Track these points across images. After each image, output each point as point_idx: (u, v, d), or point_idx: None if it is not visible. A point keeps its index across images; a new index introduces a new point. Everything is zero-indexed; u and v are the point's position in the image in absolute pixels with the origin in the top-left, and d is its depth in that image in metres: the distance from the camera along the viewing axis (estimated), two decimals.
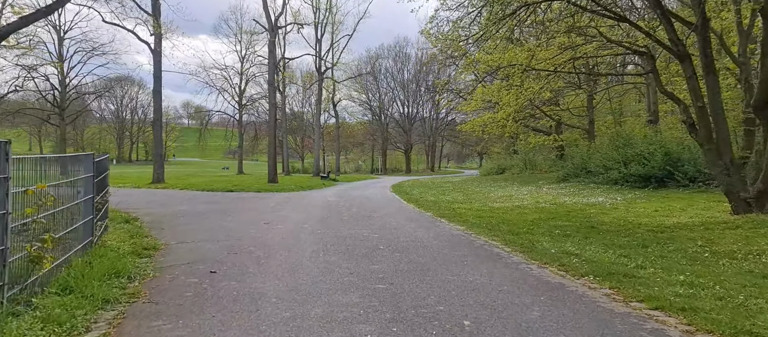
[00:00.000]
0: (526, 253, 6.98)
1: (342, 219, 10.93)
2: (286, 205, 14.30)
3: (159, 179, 24.61)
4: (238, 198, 16.58)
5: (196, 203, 14.45)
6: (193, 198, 16.40)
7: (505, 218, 11.29)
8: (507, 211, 12.76)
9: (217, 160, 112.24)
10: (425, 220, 11.06)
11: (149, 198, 16.35)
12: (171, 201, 15.28)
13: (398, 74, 74.50)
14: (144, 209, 12.75)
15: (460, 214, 11.96)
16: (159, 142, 25.08)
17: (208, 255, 6.76)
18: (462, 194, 20.46)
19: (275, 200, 15.86)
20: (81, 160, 5.76)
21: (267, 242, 7.93)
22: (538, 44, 12.26)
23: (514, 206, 14.16)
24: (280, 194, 18.89)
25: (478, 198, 17.68)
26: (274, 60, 27.95)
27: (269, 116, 28.14)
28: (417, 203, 15.25)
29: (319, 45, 43.75)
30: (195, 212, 12.03)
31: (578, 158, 24.69)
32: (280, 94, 49.44)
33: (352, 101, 71.00)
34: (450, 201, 16.31)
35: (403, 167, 77.27)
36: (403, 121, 75.78)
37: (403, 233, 8.90)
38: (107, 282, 4.87)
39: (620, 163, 18.86)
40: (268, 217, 11.24)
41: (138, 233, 8.25)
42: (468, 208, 13.65)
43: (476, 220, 10.82)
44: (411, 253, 6.99)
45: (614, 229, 9.34)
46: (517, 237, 8.41)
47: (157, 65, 24.72)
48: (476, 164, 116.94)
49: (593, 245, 7.68)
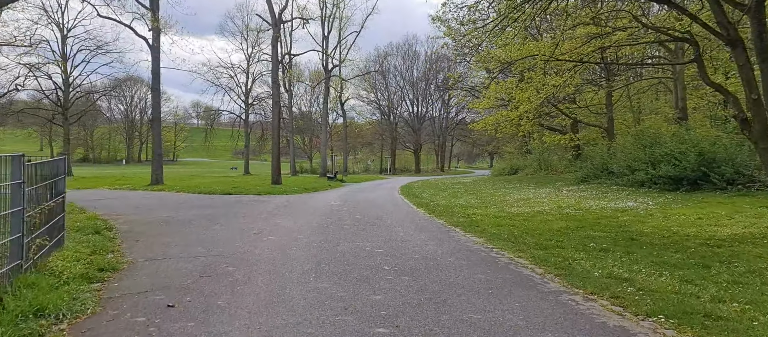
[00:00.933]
0: (564, 277, 5.68)
1: (343, 228, 9.69)
2: (284, 210, 13.09)
3: (158, 180, 23.56)
4: (236, 202, 15.42)
5: (187, 209, 13.29)
6: (186, 202, 15.26)
7: (527, 226, 9.98)
8: (528, 218, 11.44)
9: (226, 160, 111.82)
10: (437, 229, 9.78)
11: (139, 202, 15.24)
12: (161, 206, 14.14)
13: (407, 73, 73.20)
14: (127, 216, 11.61)
15: (476, 222, 10.67)
16: (158, 141, 24.02)
17: (176, 278, 5.56)
18: (475, 196, 19.14)
19: (274, 204, 14.66)
20: (6, 162, 4.57)
21: (251, 258, 6.71)
22: (564, 30, 10.92)
23: (535, 211, 12.84)
24: (281, 197, 17.70)
25: (493, 202, 16.36)
26: (277, 57, 26.79)
27: (272, 115, 27.00)
28: (427, 208, 13.97)
29: (326, 42, 42.61)
30: (182, 220, 10.86)
31: (598, 158, 23.27)
32: (287, 92, 48.37)
33: (361, 100, 69.89)
34: (463, 205, 15.01)
35: (413, 167, 75.95)
36: (413, 121, 74.45)
37: (412, 247, 7.63)
38: (18, 328, 3.67)
39: (647, 164, 17.44)
40: (261, 225, 10.03)
41: (103, 248, 7.07)
42: (484, 214, 12.35)
43: (495, 229, 9.52)
44: (422, 276, 5.73)
45: (659, 242, 8.00)
46: (547, 253, 7.12)
47: (155, 62, 23.67)
48: (487, 164, 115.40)
49: (641, 263, 6.37)
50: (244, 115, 55.33)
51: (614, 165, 20.44)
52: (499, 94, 28.76)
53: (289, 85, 47.38)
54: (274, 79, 26.57)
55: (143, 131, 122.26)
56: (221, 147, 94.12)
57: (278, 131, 26.73)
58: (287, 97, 48.55)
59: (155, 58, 23.64)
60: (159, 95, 24.00)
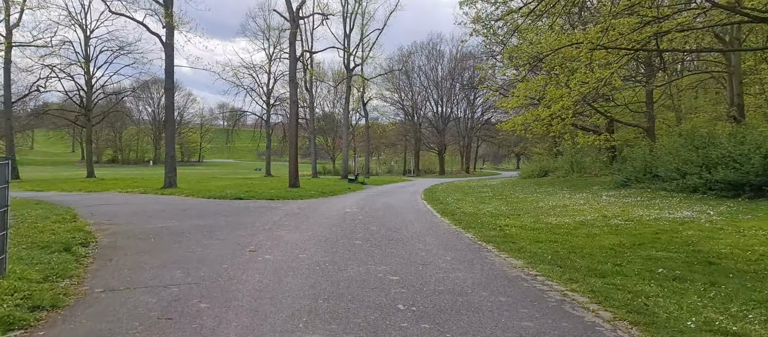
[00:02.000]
0: (645, 328, 4.15)
1: (354, 244, 8.29)
2: (293, 219, 11.78)
3: (171, 183, 22.63)
4: (244, 209, 14.20)
5: (188, 217, 12.11)
6: (191, 208, 14.12)
7: (572, 243, 8.40)
8: (570, 231, 9.85)
9: (251, 161, 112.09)
10: (466, 246, 8.29)
11: (142, 208, 14.18)
12: (163, 213, 13.03)
13: (432, 72, 71.56)
14: (119, 225, 10.48)
15: (510, 236, 9.13)
16: (171, 143, 23.11)
17: (124, 322, 4.25)
18: (505, 202, 17.54)
19: (284, 211, 13.38)
20: None
21: (233, 288, 5.38)
22: (614, 14, 9.29)
23: (577, 222, 11.21)
24: (295, 203, 16.44)
25: (526, 209, 14.75)
26: (295, 54, 25.64)
27: (290, 115, 25.86)
28: (453, 218, 12.46)
29: (348, 41, 41.43)
30: (176, 231, 9.64)
31: (640, 160, 21.36)
32: (308, 92, 47.40)
33: (384, 101, 68.55)
34: (493, 213, 13.45)
35: (437, 168, 74.24)
36: (437, 121, 72.76)
37: (435, 273, 6.19)
38: None
39: (701, 167, 15.58)
40: (261, 239, 8.72)
41: (61, 272, 5.84)
42: (518, 225, 10.79)
43: (535, 246, 7.99)
44: (448, 321, 4.29)
45: (746, 267, 6.37)
46: (606, 283, 5.58)
47: (168, 60, 22.75)
48: (513, 165, 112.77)
49: (739, 302, 4.80)
50: (266, 115, 54.56)
51: (660, 168, 18.56)
52: (529, 93, 27.00)
53: (310, 84, 46.35)
54: (291, 78, 25.41)
55: None
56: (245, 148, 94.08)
57: (296, 132, 25.57)
58: (308, 97, 47.57)
59: (169, 56, 22.73)
60: (172, 95, 23.09)
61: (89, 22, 43.15)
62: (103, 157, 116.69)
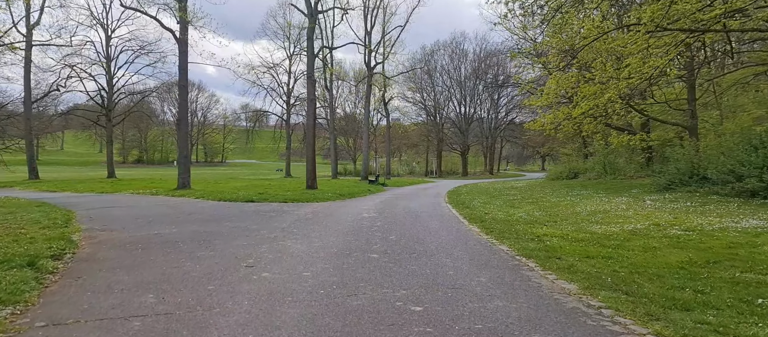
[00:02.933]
0: None
1: (369, 258, 7.05)
2: (304, 226, 10.61)
3: (184, 184, 21.80)
4: (254, 213, 13.11)
5: (190, 222, 11.06)
6: (197, 213, 13.10)
7: (630, 259, 6.99)
8: (622, 243, 8.41)
9: (272, 162, 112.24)
10: (502, 263, 6.96)
11: (145, 212, 13.22)
12: (165, 217, 12.02)
13: (455, 72, 69.94)
14: (111, 231, 9.47)
15: (554, 249, 7.76)
16: (184, 143, 22.26)
17: None
18: (537, 206, 16.10)
19: (296, 216, 12.23)
20: None
21: (212, 322, 4.19)
22: None
23: (626, 231, 9.75)
24: (309, 207, 15.30)
25: (562, 214, 13.31)
26: (313, 50, 24.57)
27: (307, 113, 24.80)
28: (483, 225, 11.09)
29: (369, 38, 40.30)
30: (170, 239, 8.56)
31: (684, 161, 19.62)
32: (328, 92, 46.45)
33: (406, 101, 67.25)
34: (527, 220, 12.05)
35: (460, 170, 72.56)
36: (460, 121, 71.10)
37: (468, 303, 4.90)
38: None
39: (761, 169, 13.89)
40: (263, 251, 7.56)
41: (4, 297, 4.76)
42: (559, 235, 9.38)
43: (586, 264, 6.61)
44: None
45: None
46: (696, 321, 4.22)
47: (182, 56, 21.93)
48: (538, 166, 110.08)
49: None
50: (286, 115, 53.86)
51: (710, 170, 16.85)
52: (561, 90, 25.39)
53: (331, 84, 45.37)
54: (309, 75, 24.34)
55: (194, 133, 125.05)
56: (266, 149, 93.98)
57: (314, 131, 24.50)
58: (328, 96, 46.60)
59: (182, 52, 21.90)
60: (186, 92, 22.25)
61: (111, 22, 43.05)
62: (130, 158, 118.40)
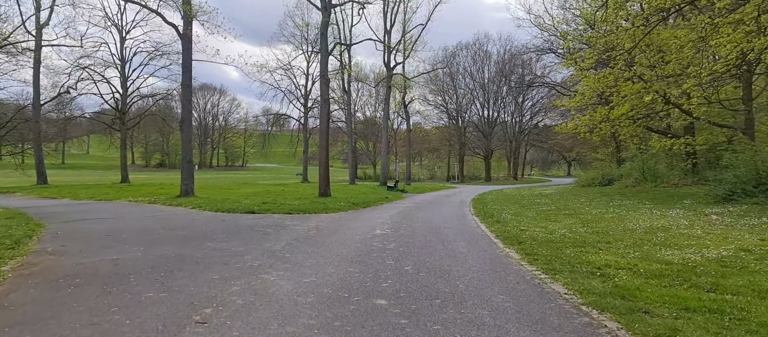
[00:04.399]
0: None
1: (374, 308, 5.03)
2: (300, 248, 8.68)
3: (187, 191, 20.14)
4: (247, 228, 11.26)
5: (164, 242, 9.24)
6: (182, 227, 11.32)
7: (750, 312, 4.83)
8: (717, 280, 6.21)
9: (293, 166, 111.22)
10: (566, 318, 4.84)
11: (126, 225, 11.49)
12: (141, 234, 10.24)
13: (478, 74, 67.53)
14: (62, 255, 7.69)
15: (629, 292, 5.60)
16: (188, 147, 20.62)
17: None
18: (577, 219, 13.92)
19: (294, 235, 10.32)
20: None
21: None
22: None
23: (709, 259, 7.53)
24: (314, 219, 13.37)
25: (612, 231, 11.11)
26: (327, 47, 22.76)
27: (320, 115, 22.98)
28: (522, 248, 8.93)
29: (388, 37, 38.38)
30: (121, 271, 6.70)
31: (744, 168, 17.19)
32: (346, 93, 44.71)
33: (428, 104, 65.13)
34: (574, 240, 9.88)
35: (482, 174, 70.04)
36: (483, 125, 68.60)
37: None
38: None
39: None
40: (233, 290, 5.63)
41: None
42: (624, 265, 7.21)
43: (692, 325, 4.50)
44: None
45: None
46: None
47: (185, 53, 20.34)
48: (563, 171, 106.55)
49: None
50: (303, 118, 52.30)
51: None
52: (598, 89, 23.04)
53: (348, 84, 43.59)
54: (322, 73, 22.51)
55: (215, 137, 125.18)
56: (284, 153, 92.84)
57: (327, 133, 22.65)
58: (346, 97, 44.85)
59: (186, 49, 20.32)
60: (190, 91, 20.63)
61: (125, 23, 42.14)
62: (152, 161, 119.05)
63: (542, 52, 39.99)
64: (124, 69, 42.11)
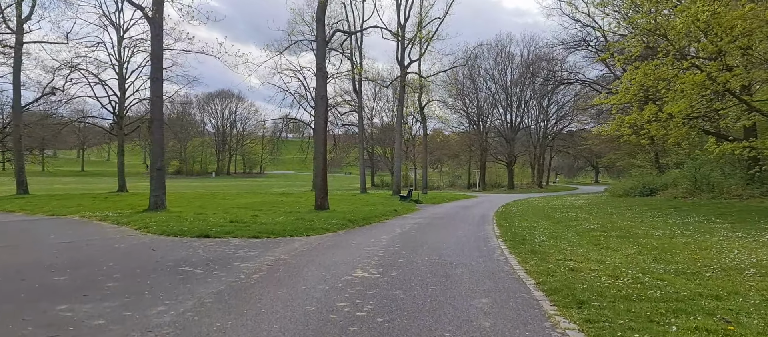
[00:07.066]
0: None
1: None
2: (213, 314, 5.27)
3: (157, 204, 16.96)
4: (172, 265, 7.88)
5: (29, 297, 5.97)
6: (85, 265, 8.03)
7: None
8: None
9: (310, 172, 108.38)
10: None
11: (38, 258, 8.30)
12: (41, 278, 7.02)
13: (500, 76, 63.68)
14: None
15: None
16: (158, 151, 17.44)
17: None
18: (638, 244, 10.25)
19: (231, 280, 6.89)
20: None
21: None
22: None
23: None
24: (285, 246, 9.95)
25: (710, 272, 7.43)
26: (324, 33, 19.46)
27: (315, 114, 19.68)
28: (585, 315, 5.36)
29: (403, 31, 35.03)
30: None
31: None
32: (357, 95, 41.43)
33: (447, 107, 61.39)
34: (660, 289, 6.22)
35: (505, 182, 65.91)
36: (506, 130, 64.62)
37: None
38: None
39: None
40: None
41: None
42: None
43: None
44: None
45: None
46: None
47: (155, 41, 17.28)
48: (591, 178, 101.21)
49: None
50: (313, 123, 49.21)
51: None
52: (648, 82, 19.21)
53: (360, 85, 40.32)
54: (319, 65, 19.20)
55: (232, 144, 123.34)
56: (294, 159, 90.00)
57: (324, 136, 19.30)
58: (358, 99, 41.59)
59: (155, 37, 17.24)
60: (161, 86, 17.49)
61: (122, 22, 39.70)
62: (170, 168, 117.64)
63: (572, 48, 36.11)
64: (122, 70, 39.64)
